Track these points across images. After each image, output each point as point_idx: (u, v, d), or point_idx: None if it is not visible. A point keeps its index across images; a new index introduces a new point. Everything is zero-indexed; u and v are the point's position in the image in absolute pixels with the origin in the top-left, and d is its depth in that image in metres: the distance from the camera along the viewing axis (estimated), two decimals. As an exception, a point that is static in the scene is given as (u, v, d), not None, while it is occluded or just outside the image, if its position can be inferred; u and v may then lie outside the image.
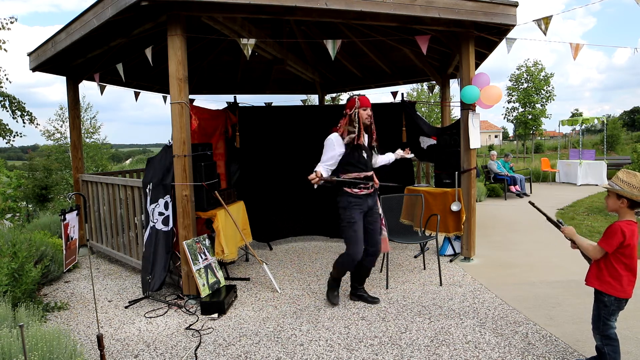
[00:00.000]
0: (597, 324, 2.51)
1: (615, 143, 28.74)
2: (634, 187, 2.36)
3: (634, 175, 2.39)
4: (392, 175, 5.98)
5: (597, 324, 2.52)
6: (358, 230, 3.55)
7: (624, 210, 2.42)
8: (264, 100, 9.15)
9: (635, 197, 2.36)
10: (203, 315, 3.66)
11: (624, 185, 2.40)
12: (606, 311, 2.45)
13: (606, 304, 2.44)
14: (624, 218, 2.43)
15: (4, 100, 8.86)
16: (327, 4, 3.69)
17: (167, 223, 3.99)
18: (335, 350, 3.01)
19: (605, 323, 2.47)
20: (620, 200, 2.41)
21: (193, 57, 6.76)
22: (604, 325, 2.47)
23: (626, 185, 2.39)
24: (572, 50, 4.30)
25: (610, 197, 2.48)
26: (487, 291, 4.06)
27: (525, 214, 8.07)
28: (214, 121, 5.32)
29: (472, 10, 4.13)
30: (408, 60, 6.98)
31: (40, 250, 4.48)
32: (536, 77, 23.36)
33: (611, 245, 2.37)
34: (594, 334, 2.56)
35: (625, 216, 2.42)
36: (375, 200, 3.74)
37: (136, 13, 3.73)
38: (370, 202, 3.65)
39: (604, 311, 2.46)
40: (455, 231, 4.98)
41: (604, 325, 2.48)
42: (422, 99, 20.39)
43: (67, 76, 5.69)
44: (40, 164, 9.68)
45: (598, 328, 2.51)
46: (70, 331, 3.37)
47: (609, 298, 2.42)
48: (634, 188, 2.36)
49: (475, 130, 4.75)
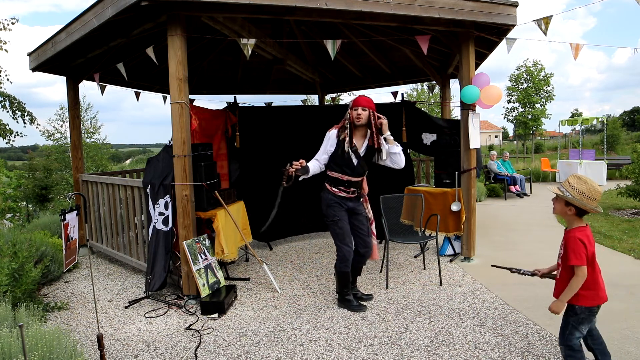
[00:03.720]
0: (563, 332, 2.39)
1: (615, 143, 28.73)
2: (584, 194, 2.25)
3: (584, 182, 2.27)
4: (392, 175, 5.97)
5: (563, 331, 2.39)
6: (343, 226, 3.54)
7: (572, 218, 2.33)
8: (264, 100, 9.16)
9: (584, 206, 2.25)
10: (203, 315, 3.66)
11: (573, 191, 2.28)
12: (575, 319, 2.33)
13: (576, 312, 2.32)
14: (573, 225, 2.33)
15: (4, 101, 8.85)
16: (327, 4, 3.69)
17: (166, 223, 3.99)
18: (335, 350, 3.01)
19: (571, 332, 2.34)
20: (568, 207, 2.31)
21: (193, 57, 6.76)
22: (570, 334, 2.34)
23: (576, 192, 2.27)
24: (572, 50, 4.29)
25: (558, 201, 2.37)
26: (487, 291, 4.06)
27: (525, 214, 8.08)
28: (214, 121, 5.32)
29: (472, 10, 4.13)
30: (408, 60, 6.98)
31: (40, 250, 4.48)
32: (536, 77, 23.35)
33: (583, 259, 2.23)
34: (559, 344, 2.45)
35: (574, 223, 2.33)
36: (357, 204, 3.68)
37: (136, 13, 3.73)
38: (350, 204, 3.62)
39: (573, 319, 2.33)
40: (455, 231, 4.98)
41: (569, 334, 2.34)
42: (422, 99, 20.38)
43: (67, 76, 5.69)
44: (40, 164, 9.67)
45: (563, 336, 2.38)
46: (70, 331, 3.37)
47: (580, 307, 2.31)
48: (583, 195, 2.25)
49: (475, 130, 4.75)
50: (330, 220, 3.56)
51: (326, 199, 3.59)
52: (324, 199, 3.61)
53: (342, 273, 3.66)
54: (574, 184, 2.30)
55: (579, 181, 2.29)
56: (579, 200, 2.25)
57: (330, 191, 3.57)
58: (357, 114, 3.40)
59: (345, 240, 3.56)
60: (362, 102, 3.42)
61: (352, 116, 3.43)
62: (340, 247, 3.57)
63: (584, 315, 2.31)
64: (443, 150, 5.34)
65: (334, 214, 3.54)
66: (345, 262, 3.59)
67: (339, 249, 3.60)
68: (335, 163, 3.54)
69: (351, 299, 3.73)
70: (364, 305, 3.71)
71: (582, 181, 2.28)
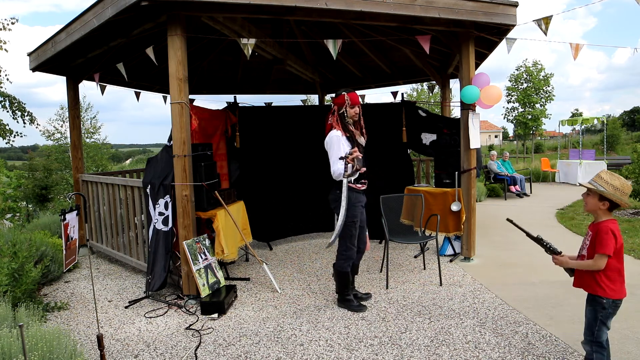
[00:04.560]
0: (592, 330, 2.38)
1: (615, 143, 28.76)
2: (617, 189, 2.27)
3: (617, 178, 2.29)
4: (392, 175, 5.98)
5: (591, 330, 2.39)
6: (357, 229, 3.61)
7: (603, 212, 2.34)
8: (264, 100, 9.15)
9: (619, 201, 2.26)
10: (203, 315, 3.66)
11: (607, 186, 2.28)
12: (604, 314, 2.34)
13: (604, 306, 2.33)
14: (602, 219, 2.34)
15: (4, 101, 8.86)
16: (327, 4, 3.69)
17: (166, 223, 3.99)
18: (335, 350, 3.01)
19: (600, 328, 2.35)
20: (602, 202, 2.31)
21: (193, 57, 6.76)
22: (599, 330, 2.35)
23: (610, 187, 2.28)
24: (572, 50, 4.29)
25: (591, 196, 2.36)
26: (487, 291, 4.06)
27: (525, 214, 8.08)
28: (214, 121, 5.32)
29: (472, 10, 4.13)
30: (408, 60, 6.98)
31: (40, 250, 4.48)
32: (535, 77, 23.35)
33: (610, 249, 2.26)
34: (584, 339, 2.44)
35: (604, 217, 2.34)
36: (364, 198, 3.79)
37: (136, 13, 3.73)
38: (364, 201, 3.69)
39: (602, 314, 2.34)
40: (455, 231, 4.98)
41: (599, 330, 2.35)
42: (422, 99, 20.38)
43: (67, 76, 5.69)
44: (40, 164, 9.67)
45: (592, 333, 2.38)
46: (70, 331, 3.37)
47: (607, 300, 2.32)
48: (617, 190, 2.27)
49: (475, 130, 4.75)
50: (350, 220, 3.54)
51: (349, 197, 3.50)
52: (345, 197, 3.48)
53: (343, 273, 3.67)
54: (607, 179, 2.31)
55: (612, 177, 2.31)
56: (613, 194, 2.27)
57: (354, 188, 3.54)
58: (355, 112, 3.56)
59: (353, 242, 3.62)
60: (358, 100, 3.58)
61: (351, 114, 3.53)
62: (349, 247, 3.62)
63: (611, 310, 2.33)
64: (443, 150, 5.34)
65: (354, 214, 3.55)
66: (349, 261, 3.64)
67: (347, 250, 3.62)
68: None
69: (352, 299, 3.74)
70: (364, 306, 3.72)
71: (615, 177, 2.30)
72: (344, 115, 3.51)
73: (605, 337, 2.37)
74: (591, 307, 2.40)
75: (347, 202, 3.47)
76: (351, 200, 3.51)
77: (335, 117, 3.53)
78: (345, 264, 3.64)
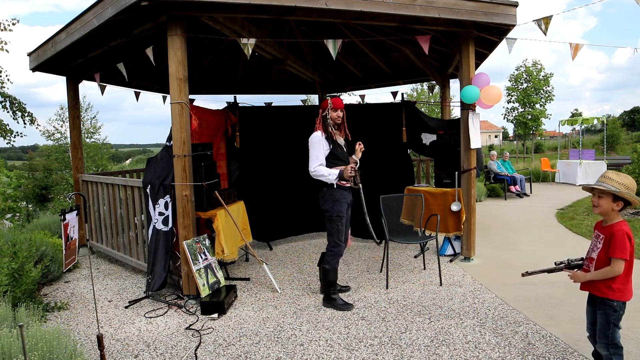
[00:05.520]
0: (606, 332, 2.34)
1: (615, 143, 28.75)
2: (628, 187, 2.23)
3: (625, 176, 2.25)
4: (392, 175, 5.98)
5: (605, 332, 2.35)
6: (344, 224, 3.76)
7: (615, 213, 2.29)
8: (264, 100, 9.14)
9: (632, 199, 2.22)
10: (203, 315, 3.66)
11: (620, 186, 2.23)
12: (616, 316, 2.31)
13: (615, 309, 2.31)
14: (614, 220, 2.30)
15: (5, 101, 8.86)
16: (327, 4, 3.69)
17: (166, 223, 3.99)
18: (335, 350, 3.01)
19: (613, 330, 2.32)
20: (616, 202, 2.26)
21: (193, 57, 6.76)
22: (613, 332, 2.32)
23: (622, 186, 2.23)
24: (571, 50, 4.29)
25: (604, 198, 2.29)
26: (487, 291, 4.06)
27: (525, 214, 8.08)
28: (214, 121, 5.32)
29: (472, 10, 4.13)
30: (408, 60, 6.98)
31: (40, 250, 4.48)
32: (535, 77, 23.34)
33: (627, 253, 2.21)
34: (599, 344, 2.40)
35: (616, 218, 2.30)
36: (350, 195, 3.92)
37: (136, 13, 3.73)
38: (349, 198, 3.83)
39: (614, 317, 2.31)
40: (455, 231, 4.98)
41: (613, 332, 2.32)
42: (422, 99, 20.38)
43: (67, 76, 5.69)
44: (40, 164, 9.68)
45: (607, 337, 2.34)
46: (70, 331, 3.37)
47: (618, 303, 2.29)
48: (628, 189, 2.23)
49: (476, 130, 4.75)
50: (336, 215, 3.71)
51: (333, 195, 3.70)
52: (329, 195, 3.71)
53: (334, 270, 3.79)
54: (617, 179, 2.26)
55: (620, 176, 2.26)
56: (629, 193, 2.22)
57: (340, 185, 3.70)
58: (338, 115, 3.78)
59: (341, 238, 3.76)
60: (341, 105, 3.80)
61: (333, 117, 3.76)
62: (338, 243, 3.76)
63: (622, 311, 2.32)
64: (443, 150, 5.33)
65: (339, 209, 3.70)
66: (337, 258, 3.79)
67: (336, 246, 3.76)
68: (335, 159, 3.75)
69: (337, 297, 3.83)
70: (350, 304, 3.79)
71: (622, 175, 2.26)
72: (327, 118, 3.74)
73: (619, 337, 2.35)
74: (602, 311, 2.36)
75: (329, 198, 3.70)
76: (336, 196, 3.68)
77: (319, 119, 3.78)
78: (334, 260, 3.78)
